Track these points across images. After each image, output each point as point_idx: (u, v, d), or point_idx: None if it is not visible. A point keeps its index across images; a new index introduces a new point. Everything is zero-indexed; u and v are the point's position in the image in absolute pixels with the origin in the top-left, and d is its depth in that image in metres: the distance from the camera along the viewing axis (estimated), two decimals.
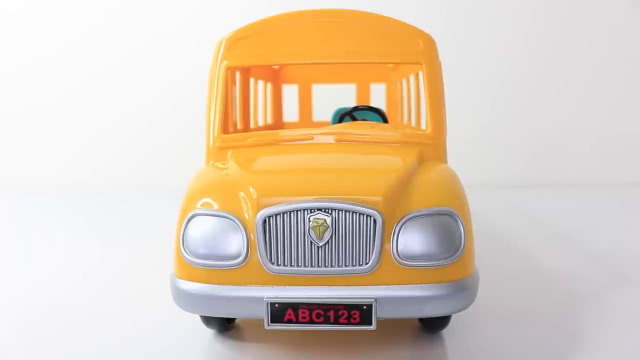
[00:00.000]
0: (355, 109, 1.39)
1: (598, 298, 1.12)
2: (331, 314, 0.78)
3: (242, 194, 0.82)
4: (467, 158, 2.32)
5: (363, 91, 1.82)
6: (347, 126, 1.06)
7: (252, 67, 1.36)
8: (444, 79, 1.05)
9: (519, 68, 2.72)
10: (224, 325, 0.95)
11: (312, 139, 1.02)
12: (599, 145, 2.73)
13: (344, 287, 0.79)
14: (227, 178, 0.88)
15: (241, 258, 0.80)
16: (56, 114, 2.78)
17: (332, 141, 1.01)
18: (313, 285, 0.79)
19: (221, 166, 0.95)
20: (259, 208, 0.79)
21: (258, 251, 0.79)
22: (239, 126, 1.29)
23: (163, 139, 2.76)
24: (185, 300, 0.83)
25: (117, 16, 2.74)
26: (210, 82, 1.04)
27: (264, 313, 0.79)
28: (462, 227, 0.82)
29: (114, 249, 1.56)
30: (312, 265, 0.79)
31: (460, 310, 0.83)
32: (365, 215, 0.78)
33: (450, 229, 0.81)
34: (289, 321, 0.79)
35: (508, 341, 0.93)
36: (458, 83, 2.35)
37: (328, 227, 0.78)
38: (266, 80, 1.66)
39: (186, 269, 0.83)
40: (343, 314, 0.78)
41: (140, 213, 2.15)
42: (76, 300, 1.14)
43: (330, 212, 0.78)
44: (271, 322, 0.79)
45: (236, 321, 0.99)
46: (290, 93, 1.88)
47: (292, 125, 1.81)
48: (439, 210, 0.82)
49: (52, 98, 2.78)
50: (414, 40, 1.04)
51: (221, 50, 1.04)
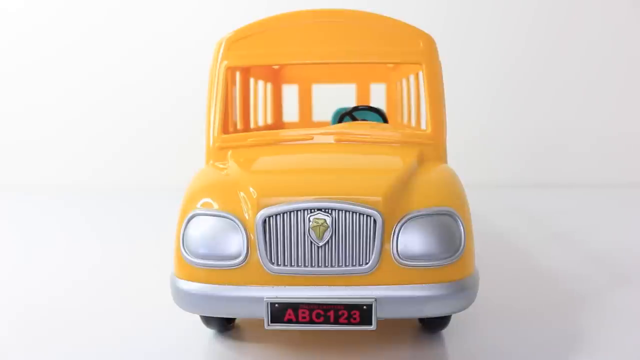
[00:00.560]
0: (355, 109, 1.39)
1: (598, 298, 1.12)
2: (331, 314, 0.78)
3: (242, 194, 0.82)
4: (467, 158, 2.32)
5: (363, 91, 1.82)
6: (347, 126, 1.06)
7: (252, 67, 1.36)
8: (444, 79, 1.05)
9: (519, 68, 2.72)
10: (224, 325, 0.95)
11: (312, 139, 1.02)
12: (599, 145, 2.73)
13: (344, 287, 0.79)
14: (227, 178, 0.88)
15: (241, 258, 0.80)
16: (56, 114, 2.78)
17: (332, 141, 1.01)
18: (313, 285, 0.79)
19: (221, 166, 0.95)
20: (259, 208, 0.79)
21: (258, 251, 0.79)
22: (239, 126, 1.29)
23: (163, 139, 2.76)
24: (185, 300, 0.83)
25: (117, 16, 2.74)
26: (210, 82, 1.04)
27: (264, 313, 0.79)
28: (462, 227, 0.82)
29: (114, 249, 1.56)
30: (312, 265, 0.79)
31: (460, 310, 0.83)
32: (365, 215, 0.78)
33: (450, 229, 0.81)
34: (289, 321, 0.79)
35: (508, 341, 0.93)
36: (458, 83, 2.35)
37: (328, 227, 0.78)
38: (266, 80, 1.66)
39: (186, 269, 0.83)
40: (343, 314, 0.78)
41: (140, 213, 2.15)
42: (76, 300, 1.14)
43: (330, 212, 0.78)
44: (271, 322, 0.79)
45: (236, 321, 0.99)
46: (290, 93, 1.88)
47: (292, 125, 1.81)
48: (439, 210, 0.82)
49: (52, 98, 2.78)
50: (414, 40, 1.04)
51: (221, 50, 1.04)
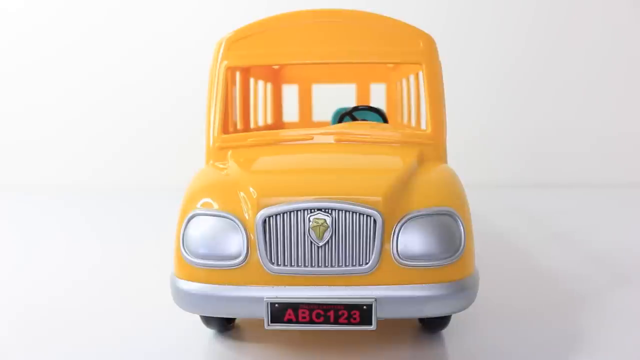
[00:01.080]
0: (355, 109, 1.39)
1: (598, 298, 1.12)
2: (331, 314, 0.78)
3: (242, 194, 0.82)
4: (467, 158, 2.32)
5: (363, 91, 1.82)
6: (347, 126, 1.05)
7: (252, 67, 1.36)
8: (444, 79, 1.05)
9: (519, 68, 2.72)
10: (224, 325, 0.95)
11: (312, 139, 1.02)
12: (599, 145, 2.73)
13: (344, 287, 0.79)
14: (227, 178, 0.88)
15: (241, 258, 0.80)
16: (56, 114, 2.78)
17: (332, 141, 1.01)
18: (313, 285, 0.79)
19: (221, 166, 0.95)
20: (259, 208, 0.79)
21: (258, 251, 0.79)
22: (239, 126, 1.29)
23: (163, 139, 2.76)
24: (185, 300, 0.83)
25: (117, 16, 2.74)
26: (210, 82, 1.04)
27: (264, 313, 0.79)
28: (462, 227, 0.82)
29: (114, 249, 1.56)
30: (312, 265, 0.79)
31: (460, 310, 0.83)
32: (365, 215, 0.78)
33: (450, 229, 0.81)
34: (289, 321, 0.79)
35: (508, 341, 0.93)
36: (458, 83, 2.35)
37: (328, 227, 0.78)
38: (266, 80, 1.66)
39: (186, 269, 0.83)
40: (343, 314, 0.78)
41: (140, 213, 2.15)
42: (76, 300, 1.14)
43: (330, 212, 0.78)
44: (271, 322, 0.79)
45: (236, 321, 0.99)
46: (290, 93, 1.88)
47: (292, 125, 1.81)
48: (439, 210, 0.82)
49: (52, 98, 2.78)
50: (414, 40, 1.04)
51: (221, 50, 1.04)
